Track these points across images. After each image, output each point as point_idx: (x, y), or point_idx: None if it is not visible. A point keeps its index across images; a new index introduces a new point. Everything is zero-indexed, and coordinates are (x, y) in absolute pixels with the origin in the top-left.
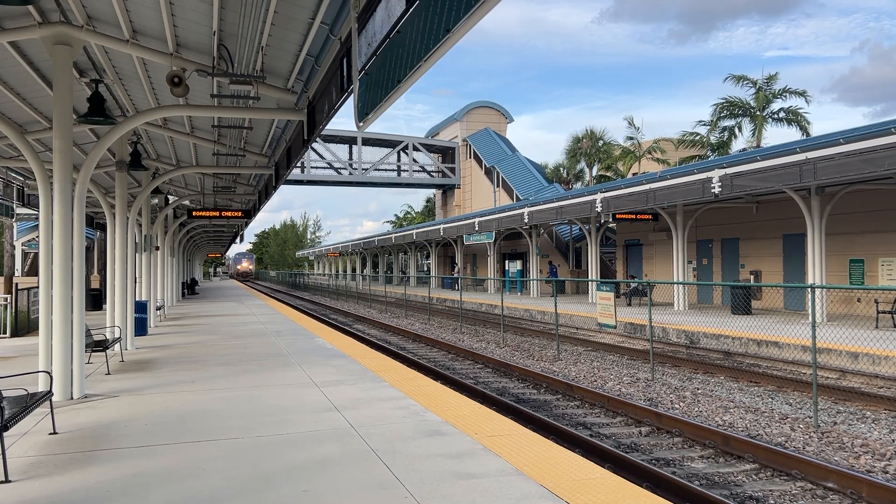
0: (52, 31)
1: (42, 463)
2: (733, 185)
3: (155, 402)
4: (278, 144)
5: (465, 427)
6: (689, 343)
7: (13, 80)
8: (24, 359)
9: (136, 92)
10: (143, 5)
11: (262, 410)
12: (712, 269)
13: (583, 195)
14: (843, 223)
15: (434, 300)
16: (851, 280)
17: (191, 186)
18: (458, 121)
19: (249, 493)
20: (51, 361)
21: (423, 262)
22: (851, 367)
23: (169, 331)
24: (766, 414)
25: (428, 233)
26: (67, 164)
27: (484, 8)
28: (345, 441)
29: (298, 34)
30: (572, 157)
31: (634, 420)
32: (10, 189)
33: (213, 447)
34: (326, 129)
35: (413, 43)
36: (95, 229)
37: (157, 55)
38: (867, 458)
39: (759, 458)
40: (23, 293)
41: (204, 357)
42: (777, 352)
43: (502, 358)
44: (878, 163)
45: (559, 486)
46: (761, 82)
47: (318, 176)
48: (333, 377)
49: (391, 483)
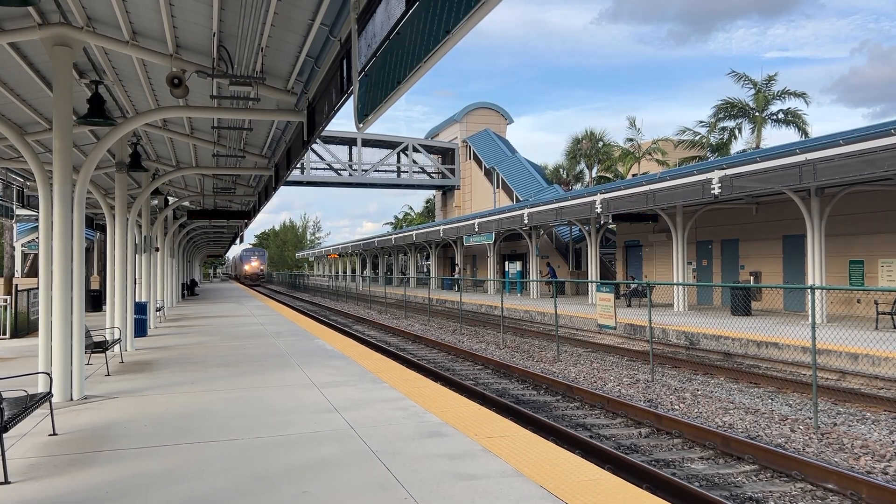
0: (52, 32)
1: (42, 464)
2: (733, 186)
3: (155, 404)
4: (278, 145)
5: (465, 428)
6: (689, 344)
7: (13, 82)
8: (24, 360)
9: (135, 93)
10: (143, 6)
11: (262, 411)
12: (712, 270)
13: (582, 196)
14: (842, 224)
15: (434, 301)
16: (851, 281)
17: (191, 187)
18: (457, 122)
19: (249, 494)
20: (50, 362)
21: (422, 264)
22: (851, 369)
23: (169, 332)
24: (765, 415)
25: (427, 234)
26: (67, 165)
27: (483, 9)
28: (344, 442)
29: (298, 35)
30: (572, 158)
31: (634, 421)
32: (10, 190)
33: (213, 448)
34: (326, 130)
35: (413, 44)
36: (95, 230)
37: (157, 56)
38: (867, 460)
39: (759, 460)
40: (22, 294)
41: (204, 358)
42: (777, 353)
43: (502, 359)
44: (878, 164)
45: (559, 488)
46: (761, 83)
47: (318, 177)
48: (333, 378)
49: (391, 484)
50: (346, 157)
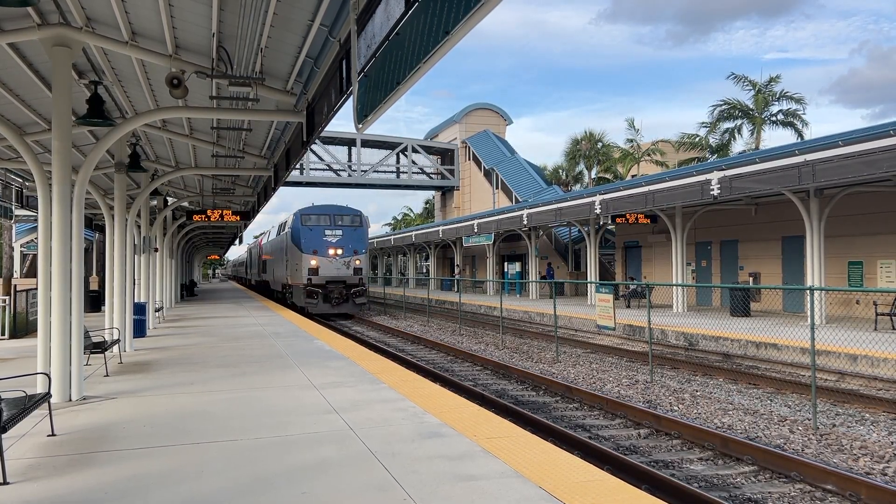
0: (52, 32)
1: (41, 465)
2: (732, 187)
3: (154, 404)
4: (277, 146)
5: (465, 429)
6: (688, 345)
7: (12, 82)
8: (23, 360)
9: (135, 93)
10: (143, 7)
11: (262, 412)
12: (711, 271)
13: (582, 197)
14: (841, 225)
15: (433, 302)
16: (850, 282)
17: (190, 188)
18: (457, 123)
19: (248, 495)
20: (49, 363)
21: (422, 264)
22: (850, 370)
23: (168, 332)
24: (765, 416)
25: (427, 234)
26: (66, 165)
27: (483, 10)
28: (344, 443)
29: (298, 36)
30: (571, 159)
31: (633, 422)
32: (9, 191)
33: (213, 449)
34: (325, 130)
35: (412, 45)
36: (94, 231)
37: (157, 57)
38: (866, 460)
39: (758, 460)
40: (21, 295)
41: (203, 359)
42: (776, 354)
43: (501, 360)
44: (877, 165)
45: (558, 488)
46: (761, 84)
47: (317, 178)
48: (332, 379)
49: (390, 485)
50: (345, 157)
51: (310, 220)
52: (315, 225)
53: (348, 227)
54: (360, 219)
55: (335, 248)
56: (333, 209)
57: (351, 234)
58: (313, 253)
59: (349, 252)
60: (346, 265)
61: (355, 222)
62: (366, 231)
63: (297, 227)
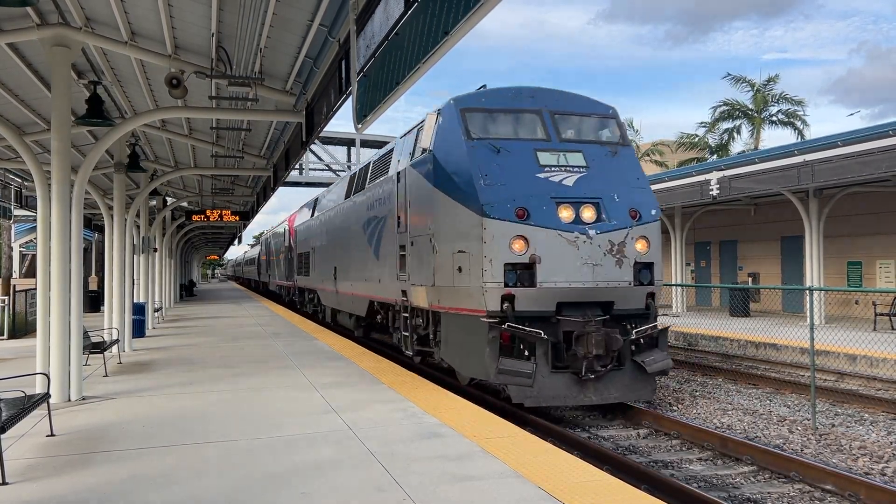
0: (51, 32)
1: (40, 465)
2: (731, 188)
3: (153, 404)
4: (276, 146)
5: (464, 429)
6: (688, 345)
7: (11, 82)
8: (22, 360)
9: (134, 94)
10: (142, 7)
11: (261, 412)
12: (710, 271)
13: None
14: (841, 225)
15: None
16: (849, 282)
17: (189, 188)
18: None
19: (248, 496)
20: (48, 363)
21: None
22: (849, 370)
23: (167, 332)
24: (764, 416)
25: None
26: (65, 165)
27: (482, 10)
28: (343, 443)
29: (297, 36)
30: None
31: (632, 422)
32: (8, 191)
33: (212, 449)
34: (325, 130)
35: (412, 45)
36: (93, 231)
37: (156, 57)
38: (865, 461)
39: (758, 460)
40: (21, 295)
41: (202, 359)
42: (775, 354)
43: None
44: (876, 165)
45: (558, 489)
46: (759, 84)
47: (317, 178)
48: (332, 379)
49: (389, 485)
50: (344, 157)
51: (494, 124)
52: (509, 139)
53: (595, 144)
54: (620, 127)
55: (574, 207)
56: (549, 96)
57: (609, 165)
58: (517, 218)
59: (620, 213)
60: (614, 252)
61: (612, 136)
62: (637, 160)
63: (456, 144)
